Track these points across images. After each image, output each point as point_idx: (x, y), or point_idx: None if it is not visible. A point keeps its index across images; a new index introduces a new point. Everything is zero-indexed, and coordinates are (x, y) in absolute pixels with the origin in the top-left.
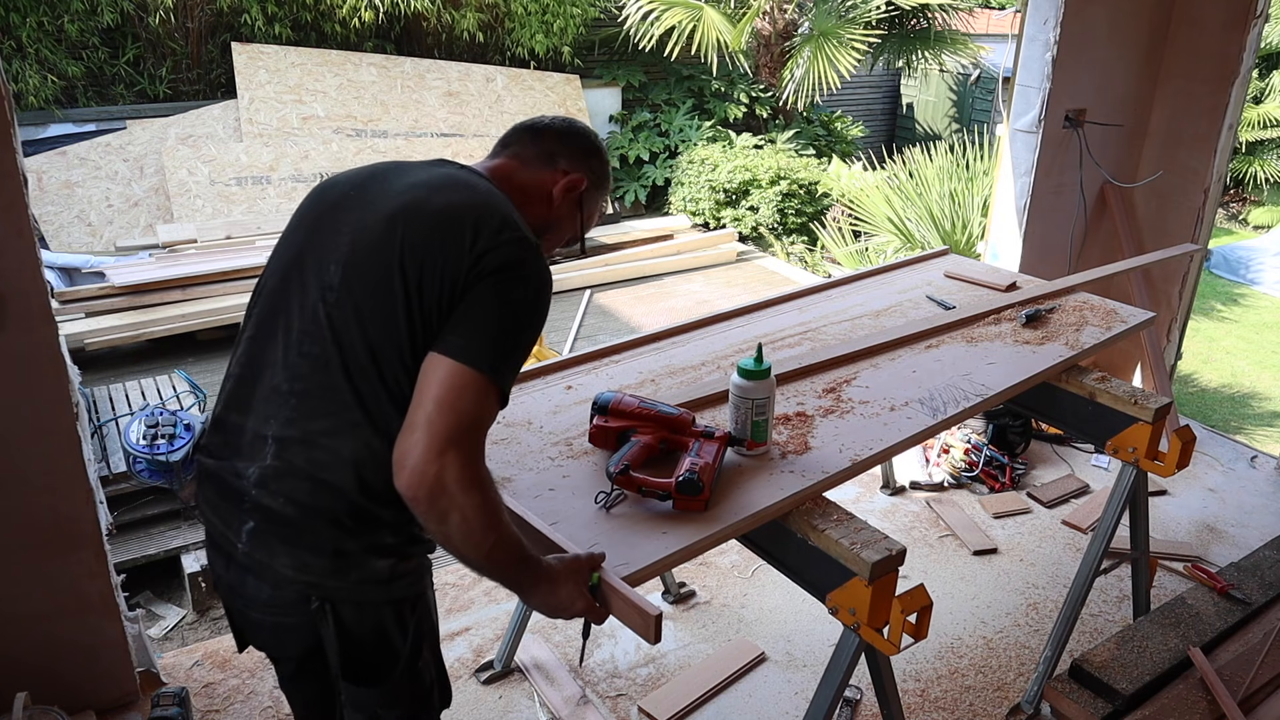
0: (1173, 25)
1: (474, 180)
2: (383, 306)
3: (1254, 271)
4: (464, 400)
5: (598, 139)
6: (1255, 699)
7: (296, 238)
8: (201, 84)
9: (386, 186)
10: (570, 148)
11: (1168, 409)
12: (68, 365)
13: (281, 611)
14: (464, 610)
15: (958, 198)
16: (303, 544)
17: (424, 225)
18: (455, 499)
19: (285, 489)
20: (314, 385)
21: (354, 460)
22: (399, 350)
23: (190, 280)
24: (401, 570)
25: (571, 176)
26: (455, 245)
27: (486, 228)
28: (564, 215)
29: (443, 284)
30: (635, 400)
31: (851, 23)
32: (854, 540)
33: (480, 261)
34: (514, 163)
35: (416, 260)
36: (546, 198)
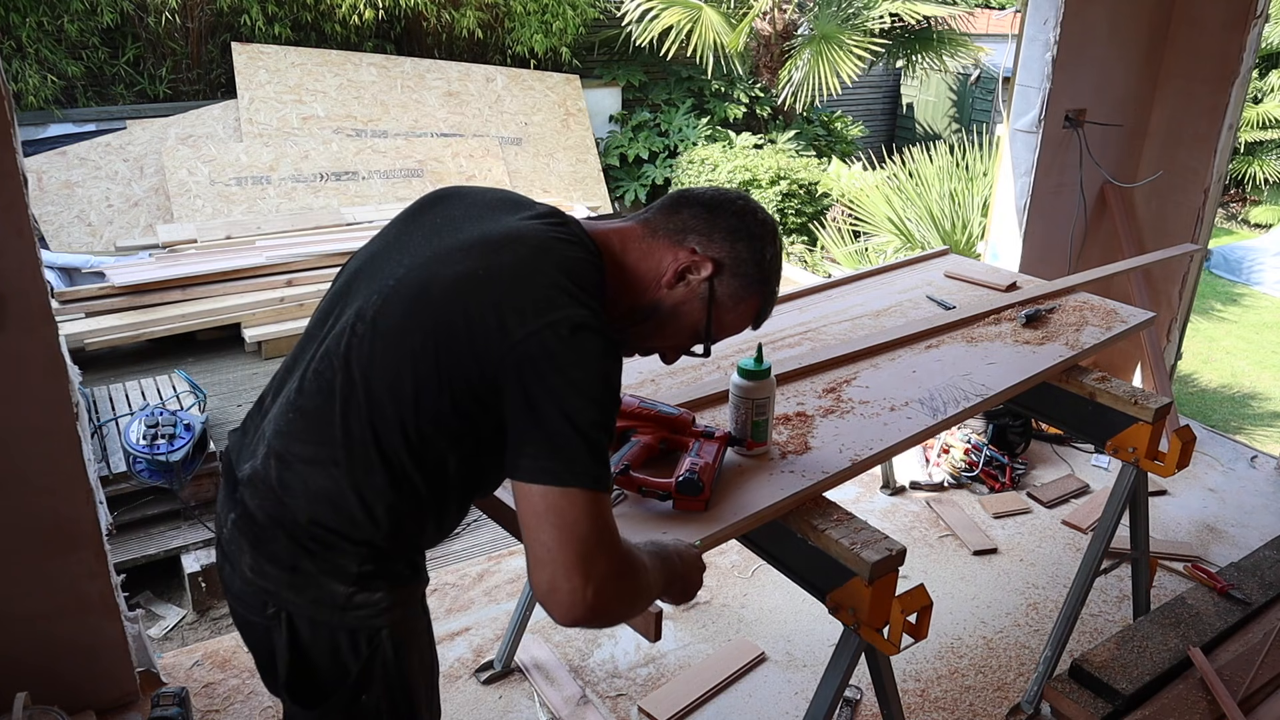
0: (1173, 25)
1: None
2: (388, 371)
3: (1254, 271)
4: (578, 523)
5: (759, 222)
6: (1255, 699)
7: (378, 242)
8: (201, 84)
9: (455, 230)
10: (710, 224)
11: (1168, 409)
12: (68, 365)
13: (245, 606)
14: (464, 610)
15: (958, 198)
16: (264, 551)
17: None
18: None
19: (259, 495)
20: (312, 408)
21: (317, 496)
22: (401, 421)
23: (190, 280)
24: (360, 600)
25: (695, 258)
26: (482, 336)
27: (524, 310)
28: (681, 305)
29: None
30: (635, 400)
31: (853, 28)
32: (854, 540)
33: (511, 354)
34: (638, 229)
35: (432, 333)
36: (656, 279)
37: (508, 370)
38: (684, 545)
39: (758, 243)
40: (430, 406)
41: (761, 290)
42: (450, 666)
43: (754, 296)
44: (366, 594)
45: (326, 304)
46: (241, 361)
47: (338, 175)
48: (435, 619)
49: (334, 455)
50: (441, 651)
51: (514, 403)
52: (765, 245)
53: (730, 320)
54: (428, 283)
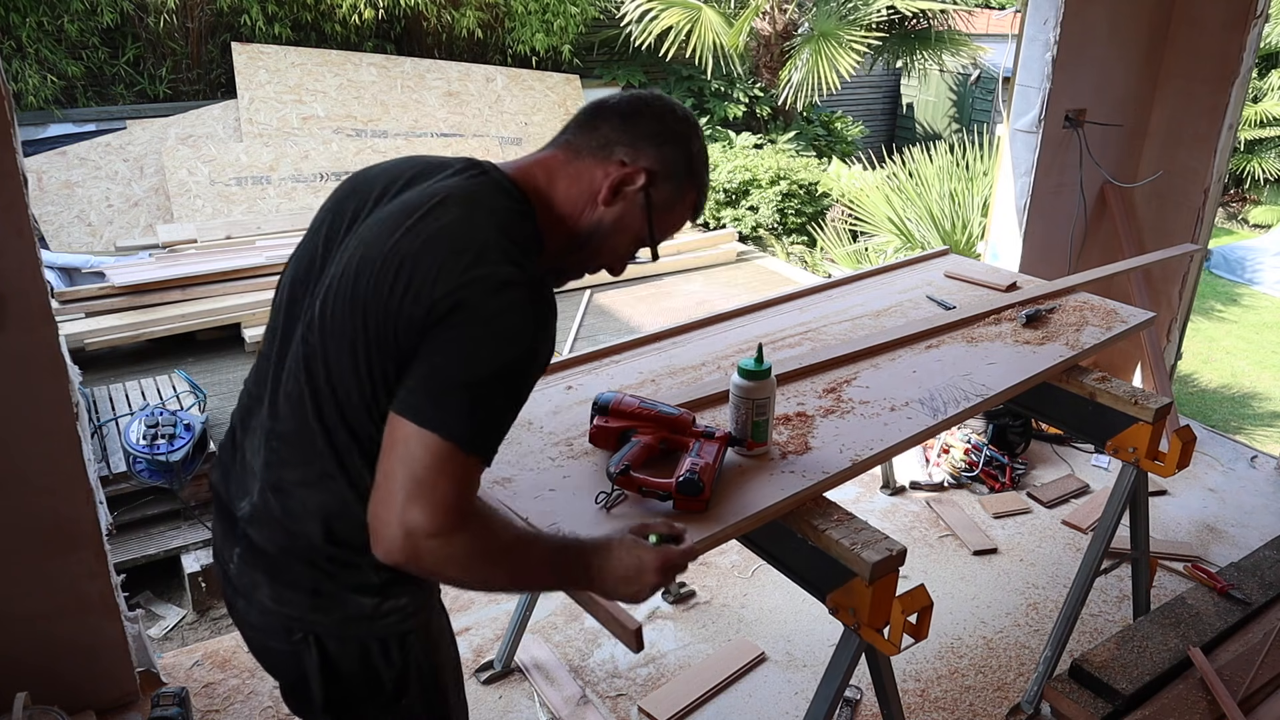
0: (1173, 25)
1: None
2: (346, 356)
3: (1254, 271)
4: (419, 458)
5: (678, 115)
6: (1255, 699)
7: (311, 247)
8: (201, 84)
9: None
10: (633, 132)
11: (1168, 409)
12: (68, 365)
13: (267, 635)
14: (464, 610)
15: (958, 198)
16: (282, 580)
17: (382, 268)
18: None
19: (265, 531)
20: (290, 429)
21: (323, 513)
22: (365, 405)
23: (190, 280)
24: (387, 609)
25: (626, 170)
26: (412, 290)
27: (450, 264)
28: (621, 219)
29: (400, 333)
30: (635, 400)
31: (852, 24)
32: (854, 540)
33: (436, 308)
34: (559, 156)
35: (376, 311)
36: (592, 198)
37: (429, 325)
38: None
39: (683, 141)
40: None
41: (695, 184)
42: None
43: (689, 193)
44: (393, 601)
45: (274, 322)
46: (241, 361)
47: (338, 175)
48: None
49: (326, 469)
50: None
51: (425, 349)
52: (690, 141)
53: (670, 221)
54: (360, 267)
